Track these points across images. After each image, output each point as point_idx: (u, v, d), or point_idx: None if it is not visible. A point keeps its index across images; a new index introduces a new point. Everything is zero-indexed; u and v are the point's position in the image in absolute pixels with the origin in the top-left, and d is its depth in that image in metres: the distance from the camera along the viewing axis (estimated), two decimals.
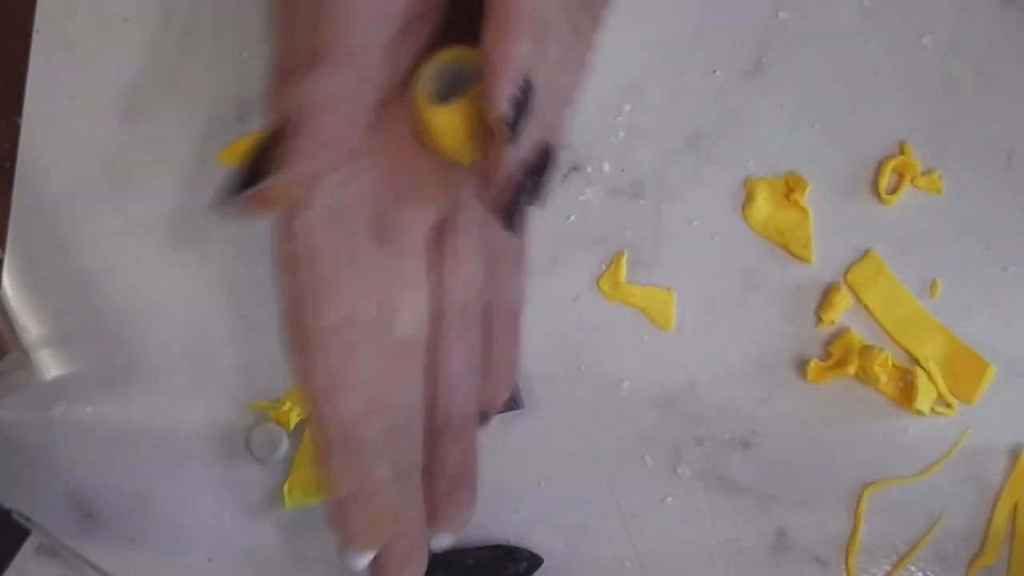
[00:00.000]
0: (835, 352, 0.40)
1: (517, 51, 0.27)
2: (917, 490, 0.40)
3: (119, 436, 0.40)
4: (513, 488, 0.40)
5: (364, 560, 0.33)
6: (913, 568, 0.40)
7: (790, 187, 0.41)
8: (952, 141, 0.40)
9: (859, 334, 0.40)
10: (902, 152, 0.40)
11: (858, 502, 0.40)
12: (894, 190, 0.41)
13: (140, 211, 0.40)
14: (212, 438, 0.40)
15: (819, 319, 0.40)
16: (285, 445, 0.40)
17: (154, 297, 0.40)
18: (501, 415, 0.39)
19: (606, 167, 0.41)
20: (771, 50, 0.41)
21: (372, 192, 0.31)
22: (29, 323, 0.40)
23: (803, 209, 0.40)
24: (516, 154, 0.28)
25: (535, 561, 0.40)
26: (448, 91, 0.30)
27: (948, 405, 0.40)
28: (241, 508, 0.40)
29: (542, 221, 0.40)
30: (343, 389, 0.31)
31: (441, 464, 0.34)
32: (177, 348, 0.40)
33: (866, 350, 0.40)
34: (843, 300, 0.40)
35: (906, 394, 0.40)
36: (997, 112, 0.40)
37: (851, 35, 0.41)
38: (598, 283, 0.41)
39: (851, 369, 0.40)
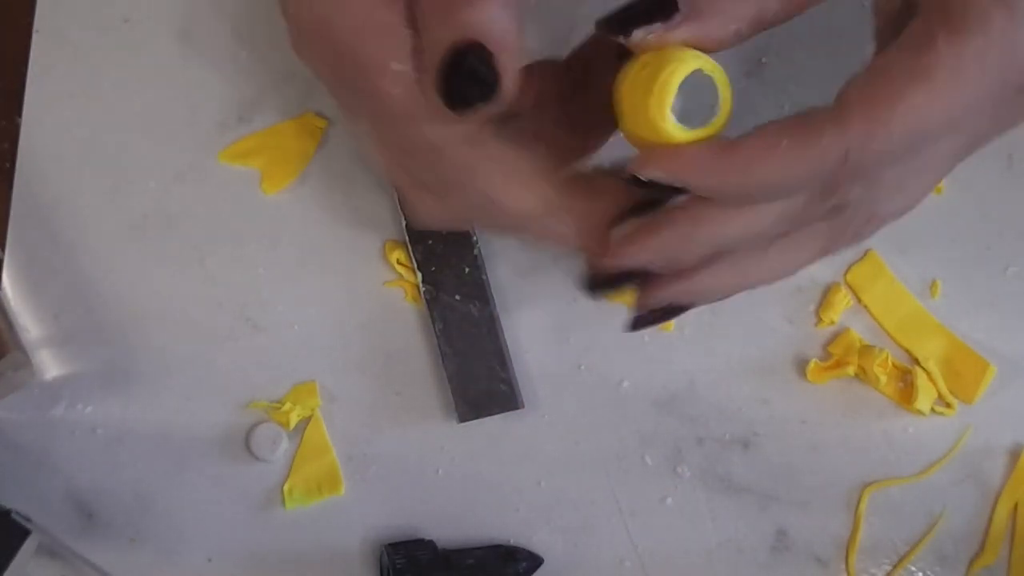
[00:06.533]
0: (835, 352, 0.40)
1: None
2: (917, 490, 0.40)
3: (119, 436, 0.40)
4: (513, 488, 0.40)
5: None
6: (913, 568, 0.40)
7: None
8: None
9: (859, 334, 0.40)
10: None
11: (858, 502, 0.40)
12: None
13: (140, 211, 0.40)
14: (212, 438, 0.40)
15: (819, 319, 0.40)
16: (285, 445, 0.40)
17: (154, 297, 0.40)
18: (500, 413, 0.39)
19: (606, 167, 0.41)
20: (771, 50, 0.41)
21: None
22: (29, 323, 0.40)
23: None
24: None
25: (535, 561, 0.40)
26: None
27: (948, 405, 0.40)
28: (241, 508, 0.40)
29: None
30: None
31: None
32: (177, 348, 0.40)
33: (866, 350, 0.40)
34: (843, 300, 0.40)
35: (906, 394, 0.40)
36: None
37: (851, 35, 0.41)
38: None
39: (851, 369, 0.40)
